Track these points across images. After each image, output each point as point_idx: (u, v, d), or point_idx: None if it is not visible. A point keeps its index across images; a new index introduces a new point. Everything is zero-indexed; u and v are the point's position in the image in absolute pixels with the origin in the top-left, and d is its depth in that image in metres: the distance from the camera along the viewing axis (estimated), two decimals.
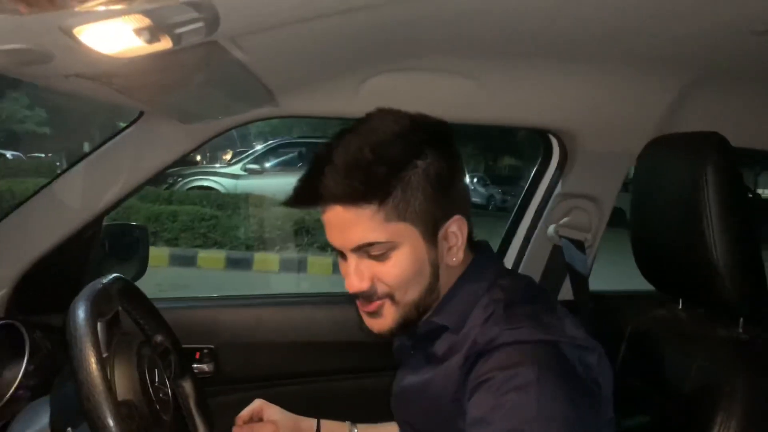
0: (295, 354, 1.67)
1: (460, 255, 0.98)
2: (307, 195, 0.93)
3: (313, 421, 1.30)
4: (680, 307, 1.25)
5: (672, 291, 1.24)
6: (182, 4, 0.63)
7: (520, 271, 1.70)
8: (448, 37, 1.19)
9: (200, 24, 0.72)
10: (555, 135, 1.59)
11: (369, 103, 1.20)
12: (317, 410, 1.34)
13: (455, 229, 0.96)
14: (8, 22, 0.58)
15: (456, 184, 0.98)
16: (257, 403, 1.28)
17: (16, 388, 1.21)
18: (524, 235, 1.72)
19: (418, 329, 1.03)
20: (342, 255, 0.97)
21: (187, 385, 1.27)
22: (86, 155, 1.41)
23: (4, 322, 1.23)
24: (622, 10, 1.00)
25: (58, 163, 12.19)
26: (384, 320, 0.97)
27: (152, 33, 0.70)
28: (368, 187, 0.87)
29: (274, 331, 1.68)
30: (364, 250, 0.92)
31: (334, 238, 0.94)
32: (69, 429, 0.98)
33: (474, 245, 1.05)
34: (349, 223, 0.90)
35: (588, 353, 0.90)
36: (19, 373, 1.23)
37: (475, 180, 17.76)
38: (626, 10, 1.00)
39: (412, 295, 0.95)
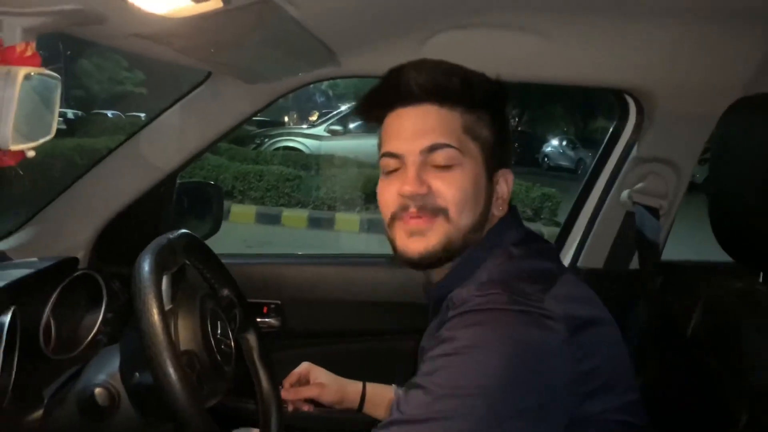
0: (359, 313, 1.70)
1: (505, 207, 0.98)
2: (396, 91, 0.94)
3: (359, 384, 1.33)
4: (760, 280, 1.17)
5: (751, 263, 1.16)
6: None
7: (590, 238, 1.64)
8: None
9: None
10: (631, 95, 1.50)
11: None
12: (377, 368, 1.36)
13: (505, 181, 0.98)
14: None
15: (509, 140, 1.01)
16: (304, 366, 1.32)
17: (95, 334, 1.30)
18: (597, 199, 1.65)
19: (433, 294, 1.02)
20: (391, 173, 0.95)
21: (251, 338, 1.31)
22: (158, 115, 1.46)
23: (84, 272, 1.31)
24: None
25: None
26: (427, 240, 0.92)
27: None
28: (463, 90, 0.92)
29: (339, 289, 1.71)
30: (433, 153, 0.91)
31: (403, 141, 0.93)
32: (136, 374, 1.04)
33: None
34: (429, 122, 0.92)
35: (557, 326, 0.82)
36: (97, 320, 1.31)
37: (564, 143, 17.22)
38: None
39: (465, 219, 0.92)
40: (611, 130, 1.67)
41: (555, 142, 17.61)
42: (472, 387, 0.76)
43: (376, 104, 0.99)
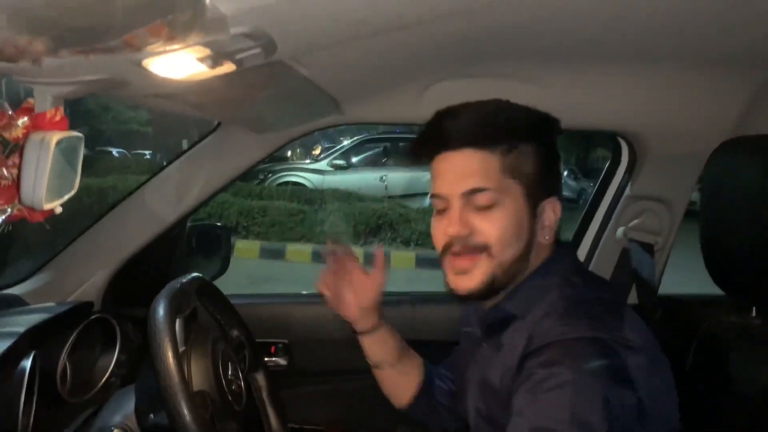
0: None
1: (552, 236, 1.00)
2: (437, 137, 1.00)
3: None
4: (753, 314, 1.21)
5: (744, 298, 1.20)
6: (235, 35, 0.69)
7: None
8: (509, 44, 1.20)
9: (258, 50, 0.78)
10: (623, 137, 1.56)
11: (432, 109, 1.24)
12: (386, 406, 1.38)
13: (551, 209, 1.00)
14: (88, 59, 0.65)
15: (556, 168, 1.03)
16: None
17: (109, 376, 1.33)
18: (593, 237, 1.70)
19: (488, 317, 1.06)
20: (440, 212, 1.01)
21: (260, 378, 1.35)
22: (170, 163, 1.52)
23: (99, 315, 1.35)
24: (692, 11, 0.98)
25: (165, 162, 12.86)
26: (473, 278, 0.98)
27: (214, 60, 0.76)
28: (500, 133, 0.96)
29: (345, 327, 1.74)
30: (473, 196, 0.96)
31: (446, 184, 0.99)
32: (151, 415, 1.08)
33: (556, 242, 1.06)
34: (468, 167, 0.96)
35: (638, 355, 0.88)
36: (111, 363, 1.35)
37: (565, 173, 17.27)
38: (696, 9, 0.97)
39: (508, 254, 0.97)
40: (605, 169, 1.73)
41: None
42: (582, 416, 0.80)
43: (422, 150, 1.04)
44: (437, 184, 1.00)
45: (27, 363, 1.04)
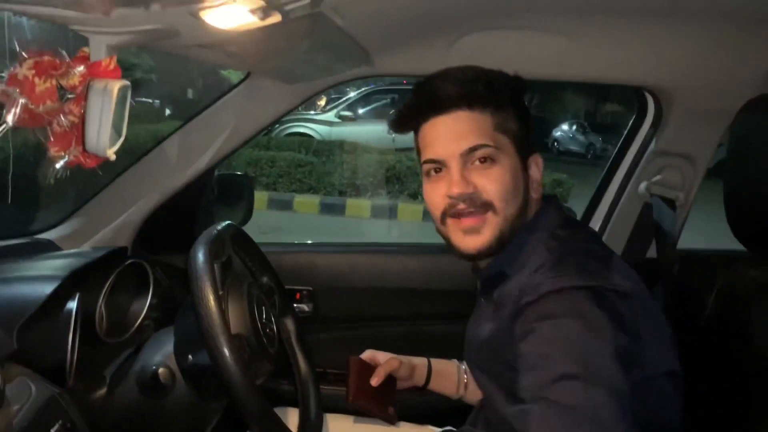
0: (386, 298, 1.78)
1: (540, 191, 1.06)
2: (428, 103, 1.03)
3: (423, 359, 1.40)
4: None
5: (765, 252, 1.22)
6: None
7: (609, 228, 1.71)
8: None
9: (307, 0, 0.79)
10: (650, 92, 1.56)
11: (461, 62, 1.24)
12: (404, 352, 1.43)
13: (536, 165, 1.06)
14: (148, 9, 0.67)
15: (531, 127, 1.07)
16: (367, 354, 1.39)
17: (143, 319, 1.37)
18: (615, 191, 1.72)
19: (483, 275, 1.10)
20: (435, 177, 1.04)
21: (289, 323, 1.40)
22: (200, 112, 1.54)
23: (132, 260, 1.39)
24: None
25: (168, 110, 12.70)
26: (482, 237, 1.02)
27: (265, 11, 0.78)
28: (489, 93, 1.00)
29: (368, 276, 1.79)
30: (472, 154, 1.00)
31: (442, 147, 1.02)
32: (190, 356, 1.12)
33: (543, 198, 1.11)
34: (463, 127, 1.01)
35: (627, 301, 0.90)
36: (145, 306, 1.39)
37: (573, 127, 17.11)
38: None
39: (510, 209, 1.02)
40: (630, 124, 1.73)
41: (565, 126, 17.47)
42: (595, 359, 0.82)
43: (410, 116, 1.07)
44: (432, 149, 1.03)
45: (73, 304, 1.08)
